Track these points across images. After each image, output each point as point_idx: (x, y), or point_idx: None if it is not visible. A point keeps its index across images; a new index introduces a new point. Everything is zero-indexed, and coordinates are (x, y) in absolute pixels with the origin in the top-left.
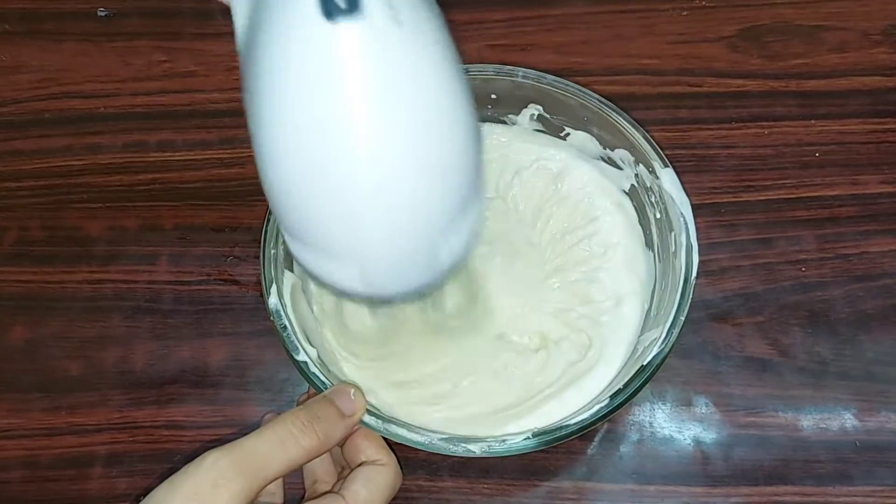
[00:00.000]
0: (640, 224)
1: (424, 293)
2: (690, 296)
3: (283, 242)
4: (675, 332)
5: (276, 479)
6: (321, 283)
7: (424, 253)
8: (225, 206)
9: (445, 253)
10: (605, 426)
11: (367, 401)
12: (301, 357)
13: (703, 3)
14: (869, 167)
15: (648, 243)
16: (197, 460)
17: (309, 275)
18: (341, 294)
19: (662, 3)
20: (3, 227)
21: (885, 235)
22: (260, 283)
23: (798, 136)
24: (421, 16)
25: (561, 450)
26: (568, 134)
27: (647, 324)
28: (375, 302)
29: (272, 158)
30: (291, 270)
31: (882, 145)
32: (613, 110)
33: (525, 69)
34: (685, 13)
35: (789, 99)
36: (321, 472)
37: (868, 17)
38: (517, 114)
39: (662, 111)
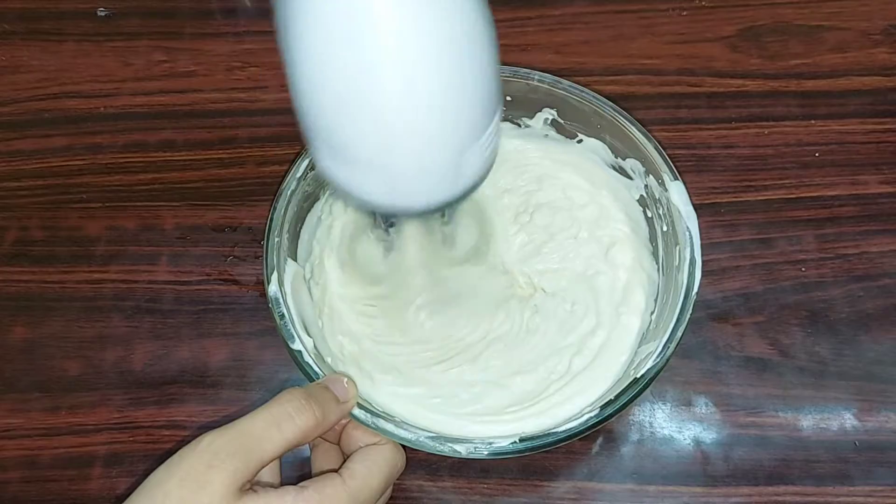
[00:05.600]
0: (649, 236)
1: (446, 208)
2: (690, 311)
3: (287, 231)
4: (672, 346)
5: (272, 459)
6: (351, 198)
7: (449, 167)
8: (225, 206)
9: (466, 168)
10: (605, 426)
11: (358, 394)
12: (296, 346)
13: (703, 3)
14: (869, 167)
15: (654, 255)
16: (193, 442)
17: (338, 192)
18: (369, 207)
19: (662, 3)
20: (2, 227)
21: (885, 235)
22: (260, 283)
23: (798, 136)
24: None
25: (561, 450)
26: (581, 140)
27: (646, 335)
28: (399, 216)
29: (307, 83)
30: (294, 259)
31: (882, 145)
32: (626, 119)
33: (540, 73)
34: (685, 13)
35: (789, 99)
36: (328, 464)
37: (868, 17)
38: (531, 117)
39: (662, 111)
